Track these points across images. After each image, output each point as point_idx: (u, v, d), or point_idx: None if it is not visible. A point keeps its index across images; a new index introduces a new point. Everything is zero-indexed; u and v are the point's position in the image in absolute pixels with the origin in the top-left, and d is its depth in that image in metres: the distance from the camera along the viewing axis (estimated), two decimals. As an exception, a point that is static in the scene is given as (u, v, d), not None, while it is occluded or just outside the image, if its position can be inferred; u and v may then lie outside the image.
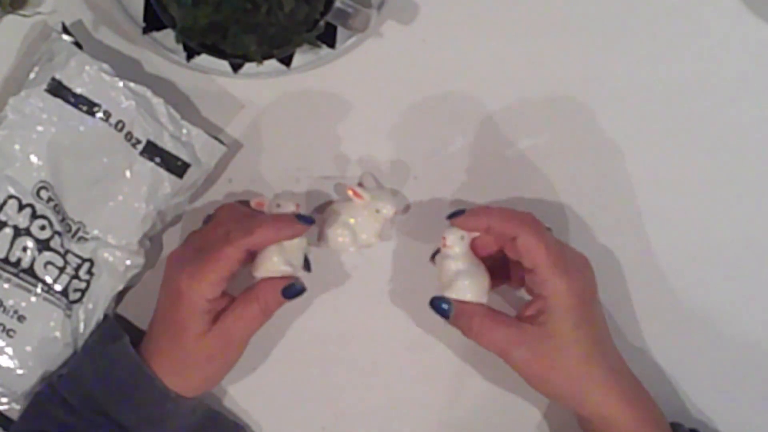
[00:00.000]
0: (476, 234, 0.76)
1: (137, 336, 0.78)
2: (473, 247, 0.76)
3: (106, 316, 0.79)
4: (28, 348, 0.77)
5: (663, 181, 0.83)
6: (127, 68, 0.80)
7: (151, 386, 0.75)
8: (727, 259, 0.83)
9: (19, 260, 0.76)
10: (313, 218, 0.76)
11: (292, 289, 0.76)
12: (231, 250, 0.74)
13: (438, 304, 0.76)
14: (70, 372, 0.77)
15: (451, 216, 0.76)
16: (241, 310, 0.75)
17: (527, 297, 0.78)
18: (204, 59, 0.78)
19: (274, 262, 0.75)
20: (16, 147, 0.76)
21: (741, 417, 0.83)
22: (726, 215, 0.83)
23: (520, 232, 0.74)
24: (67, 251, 0.77)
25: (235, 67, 0.79)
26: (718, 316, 0.83)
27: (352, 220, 0.80)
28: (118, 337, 0.77)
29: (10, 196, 0.76)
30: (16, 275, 0.76)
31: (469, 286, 0.75)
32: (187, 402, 0.76)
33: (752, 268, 0.83)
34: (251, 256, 0.76)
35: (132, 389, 0.75)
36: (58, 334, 0.77)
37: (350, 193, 0.79)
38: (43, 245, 0.76)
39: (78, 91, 0.76)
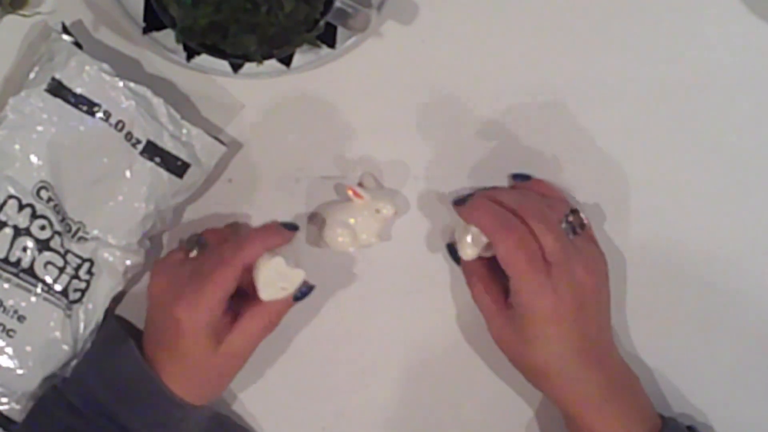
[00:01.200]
0: None
1: (137, 336, 0.78)
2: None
3: (107, 317, 0.79)
4: (28, 348, 0.77)
5: (662, 181, 0.83)
6: (127, 68, 0.80)
7: (157, 392, 0.75)
8: (726, 258, 0.83)
9: (19, 260, 0.76)
10: (296, 225, 0.78)
11: (300, 294, 0.76)
12: (227, 270, 0.74)
13: (452, 251, 0.81)
14: (76, 375, 0.77)
15: (456, 202, 0.79)
16: (247, 326, 0.75)
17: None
18: (204, 59, 0.78)
19: (272, 277, 0.75)
20: (16, 147, 0.76)
21: (738, 416, 0.83)
22: (725, 215, 0.83)
23: (501, 243, 0.74)
24: (67, 251, 0.77)
25: (235, 67, 0.79)
26: (716, 315, 0.83)
27: (352, 220, 0.80)
28: (123, 341, 0.77)
29: (10, 196, 0.76)
30: (16, 275, 0.76)
31: (466, 248, 0.78)
32: (195, 409, 0.76)
33: (752, 266, 0.83)
34: (247, 273, 0.76)
35: (138, 394, 0.75)
36: (58, 334, 0.77)
37: (350, 193, 0.79)
38: (43, 245, 0.76)
39: (78, 91, 0.76)
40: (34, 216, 0.76)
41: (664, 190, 0.83)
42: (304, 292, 0.76)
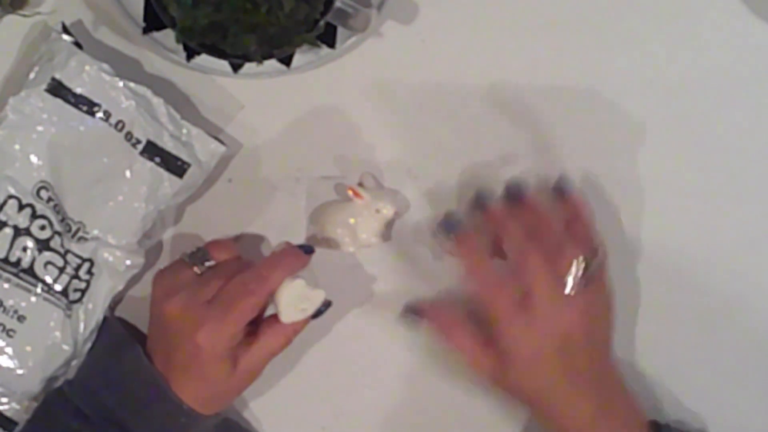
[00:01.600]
0: None
1: (139, 338, 0.78)
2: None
3: (111, 321, 0.79)
4: (28, 348, 0.77)
5: (662, 181, 0.83)
6: (127, 68, 0.80)
7: (165, 399, 0.74)
8: (727, 259, 0.83)
9: (19, 260, 0.76)
10: (312, 247, 0.78)
11: (318, 311, 0.77)
12: (253, 299, 0.74)
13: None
14: (83, 381, 0.77)
15: (443, 227, 0.77)
16: (265, 345, 0.76)
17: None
18: (204, 59, 0.78)
19: (295, 298, 0.76)
20: (16, 147, 0.76)
21: (737, 419, 0.83)
22: (726, 215, 0.83)
23: (478, 290, 0.75)
24: (67, 251, 0.77)
25: (235, 67, 0.79)
26: (717, 317, 0.83)
27: (352, 220, 0.80)
28: (130, 346, 0.77)
29: (10, 196, 0.76)
30: (16, 275, 0.76)
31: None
32: (203, 417, 0.76)
33: (753, 268, 0.83)
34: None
35: (146, 401, 0.75)
36: (58, 334, 0.77)
37: (350, 193, 0.79)
38: (43, 245, 0.76)
39: (78, 91, 0.76)
40: (34, 216, 0.76)
41: (663, 191, 0.83)
42: (321, 309, 0.77)
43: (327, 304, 0.77)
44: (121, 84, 0.76)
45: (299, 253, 0.77)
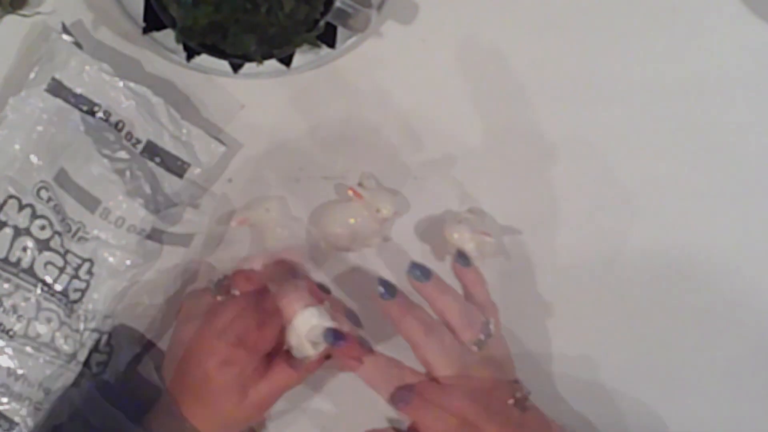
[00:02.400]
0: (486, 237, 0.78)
1: (141, 341, 0.79)
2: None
3: (115, 327, 0.79)
4: (28, 348, 0.77)
5: (661, 182, 0.83)
6: (127, 68, 0.80)
7: (169, 414, 0.75)
8: (727, 259, 0.83)
9: (19, 260, 0.76)
10: (328, 288, 0.79)
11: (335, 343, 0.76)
12: (266, 332, 0.74)
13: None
14: (92, 392, 0.77)
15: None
16: (274, 379, 0.75)
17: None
18: (204, 59, 0.78)
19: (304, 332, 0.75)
20: (16, 147, 0.76)
21: (736, 420, 0.83)
22: (725, 215, 0.83)
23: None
24: (67, 251, 0.77)
25: (235, 67, 0.79)
26: (714, 318, 0.83)
27: (352, 220, 0.80)
28: (138, 359, 0.77)
29: (10, 196, 0.76)
30: (16, 275, 0.76)
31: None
32: None
33: (752, 268, 0.83)
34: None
35: (153, 415, 0.75)
36: (58, 334, 0.77)
37: (350, 193, 0.79)
38: (43, 245, 0.76)
39: (78, 91, 0.76)
40: (34, 216, 0.76)
41: (662, 191, 0.83)
42: (337, 339, 0.75)
43: (342, 336, 0.75)
44: (121, 84, 0.77)
45: (314, 286, 0.77)
